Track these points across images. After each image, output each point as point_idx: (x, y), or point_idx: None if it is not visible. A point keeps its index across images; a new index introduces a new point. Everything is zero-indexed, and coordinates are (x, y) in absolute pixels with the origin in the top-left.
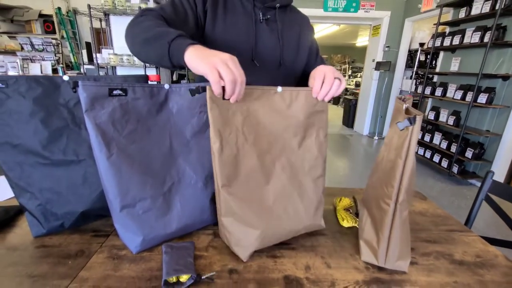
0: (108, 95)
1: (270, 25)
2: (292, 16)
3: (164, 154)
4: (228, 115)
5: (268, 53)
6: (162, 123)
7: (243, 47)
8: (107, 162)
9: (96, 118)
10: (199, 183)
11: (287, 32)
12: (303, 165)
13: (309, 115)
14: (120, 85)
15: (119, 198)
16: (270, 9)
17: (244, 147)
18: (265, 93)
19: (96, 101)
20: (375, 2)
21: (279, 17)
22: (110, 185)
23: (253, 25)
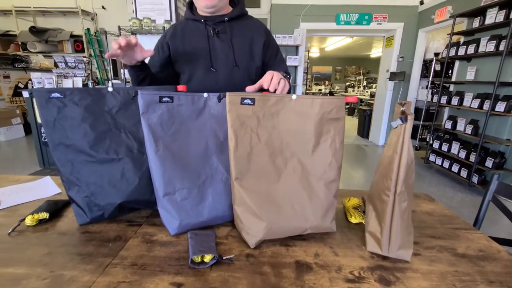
0: (158, 101)
1: (221, 36)
2: (245, 24)
3: (200, 152)
4: (244, 118)
5: (222, 59)
6: (200, 126)
7: (201, 58)
8: (155, 156)
9: (149, 119)
10: (229, 180)
11: (238, 38)
12: (315, 168)
13: (325, 122)
14: (168, 94)
15: (163, 186)
16: (220, 24)
17: (257, 146)
18: (281, 100)
19: (149, 106)
20: (388, 14)
21: (229, 28)
22: (156, 175)
23: (206, 39)
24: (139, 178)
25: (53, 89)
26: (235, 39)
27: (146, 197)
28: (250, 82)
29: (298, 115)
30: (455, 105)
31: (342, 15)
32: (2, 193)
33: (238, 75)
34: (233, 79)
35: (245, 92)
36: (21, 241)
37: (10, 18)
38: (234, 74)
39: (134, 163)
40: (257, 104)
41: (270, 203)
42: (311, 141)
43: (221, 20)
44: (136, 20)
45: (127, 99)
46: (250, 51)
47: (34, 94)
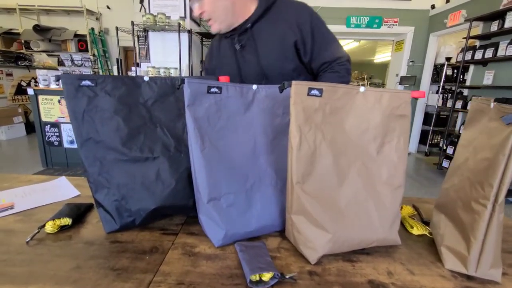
0: (206, 92)
1: (246, 48)
2: (273, 21)
3: (248, 152)
4: (310, 112)
5: (251, 72)
6: (248, 122)
7: (232, 75)
8: (200, 154)
9: (195, 112)
10: (279, 184)
11: (265, 44)
12: (380, 172)
13: (391, 119)
14: (217, 84)
15: (207, 190)
16: (245, 33)
17: (321, 145)
18: (348, 93)
19: (196, 96)
20: (399, 18)
21: (256, 33)
22: (201, 177)
23: (234, 55)
24: (176, 181)
25: (83, 76)
26: (261, 47)
27: (183, 202)
28: None
29: (364, 110)
30: None
31: (353, 18)
32: (15, 195)
33: (276, 79)
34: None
35: (312, 81)
36: (43, 251)
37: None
38: (271, 80)
39: (171, 163)
40: (324, 95)
41: (334, 211)
42: (376, 141)
43: (244, 29)
44: (150, 16)
45: (164, 90)
46: (281, 53)
47: (62, 81)
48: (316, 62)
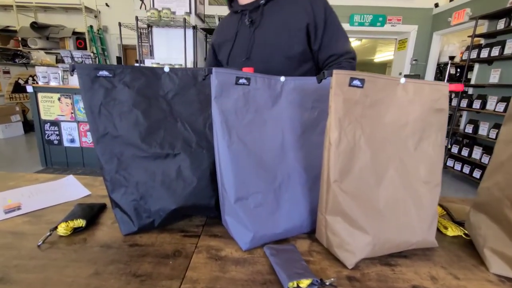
0: (235, 83)
1: (256, 25)
2: (283, 4)
3: (276, 148)
4: (350, 104)
5: (257, 52)
6: (276, 116)
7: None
8: (227, 150)
9: (222, 105)
10: (309, 182)
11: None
12: (418, 170)
13: (430, 113)
14: (246, 74)
15: (234, 189)
16: (255, 10)
17: (360, 140)
18: (389, 84)
19: (224, 88)
20: (402, 16)
21: (267, 10)
22: (228, 174)
23: (244, 33)
24: (198, 179)
25: (100, 66)
26: (272, 25)
27: (205, 201)
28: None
29: (404, 103)
30: (477, 109)
31: (356, 16)
32: (21, 195)
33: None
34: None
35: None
36: (57, 255)
37: (10, 13)
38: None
39: (192, 159)
40: (366, 86)
41: (373, 211)
42: (414, 136)
43: (257, 5)
44: (155, 11)
45: (185, 82)
46: (292, 33)
47: (78, 71)
48: (324, 52)
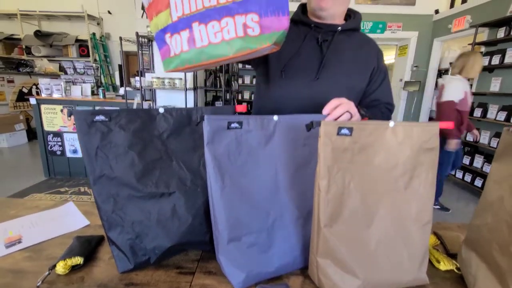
0: (226, 128)
1: (331, 47)
2: (358, 39)
3: (269, 187)
4: (339, 152)
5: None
6: (269, 155)
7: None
8: (220, 194)
9: (215, 150)
10: (300, 219)
11: (350, 52)
12: (409, 208)
13: (420, 153)
14: (237, 118)
15: (228, 231)
16: (330, 33)
17: (350, 185)
18: (377, 129)
19: (216, 133)
20: (402, 23)
21: (339, 40)
22: (221, 217)
23: (318, 46)
24: (192, 217)
25: (97, 111)
26: (347, 52)
27: (200, 238)
28: None
29: (394, 146)
30: (478, 117)
31: None
32: (22, 225)
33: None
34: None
35: (341, 121)
36: None
37: (14, 21)
38: (340, 89)
39: (187, 198)
40: (354, 134)
41: (363, 254)
42: (405, 176)
43: (333, 30)
44: None
45: (180, 122)
46: (363, 71)
47: (75, 117)
48: (373, 95)
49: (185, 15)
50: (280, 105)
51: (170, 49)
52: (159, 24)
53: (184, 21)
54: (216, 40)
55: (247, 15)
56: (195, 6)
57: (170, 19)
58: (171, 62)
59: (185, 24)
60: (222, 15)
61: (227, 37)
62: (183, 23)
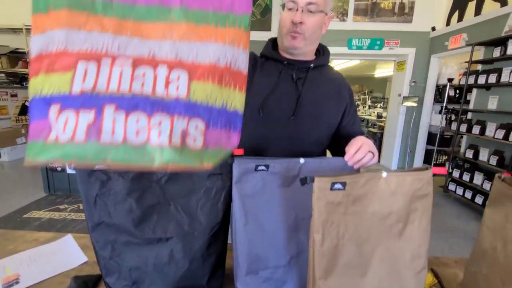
0: (254, 170)
1: (305, 84)
2: (328, 75)
3: (289, 227)
4: (332, 206)
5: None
6: (291, 195)
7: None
8: (243, 230)
9: (241, 189)
10: None
11: (324, 89)
12: (404, 255)
13: (413, 200)
14: (264, 162)
15: (247, 264)
16: (303, 70)
17: (344, 236)
18: (371, 180)
19: (244, 174)
20: (400, 39)
21: (313, 77)
22: (242, 251)
23: (293, 84)
24: (189, 261)
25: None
26: (321, 88)
27: (197, 282)
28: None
29: (387, 195)
30: (476, 134)
31: (354, 40)
32: (20, 262)
33: (320, 129)
34: (313, 133)
35: (334, 176)
36: None
37: (20, 36)
38: (317, 126)
39: (184, 243)
40: (347, 188)
41: None
42: (399, 223)
43: (305, 67)
44: None
45: None
46: (336, 107)
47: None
48: (346, 130)
49: (96, 91)
50: (259, 141)
51: (50, 129)
52: (45, 87)
53: (91, 98)
54: (136, 141)
55: (191, 119)
56: (117, 86)
57: (68, 88)
58: (45, 149)
59: (92, 103)
60: (155, 109)
61: (155, 142)
62: (89, 101)
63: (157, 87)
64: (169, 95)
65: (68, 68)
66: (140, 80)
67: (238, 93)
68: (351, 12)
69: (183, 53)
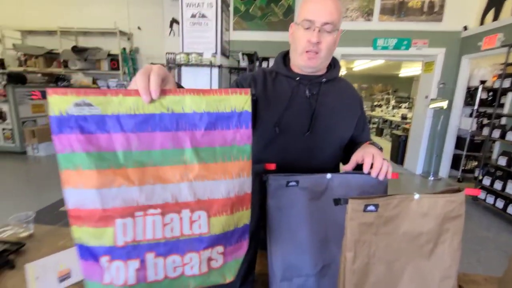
0: (285, 185)
1: (319, 99)
2: (341, 88)
3: (320, 238)
4: (365, 226)
5: (321, 124)
6: (321, 209)
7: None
8: (277, 240)
9: (275, 203)
10: None
11: (337, 102)
12: (433, 275)
13: (445, 221)
14: (295, 178)
15: (281, 271)
16: (316, 85)
17: (374, 255)
18: (403, 201)
19: (277, 190)
20: (428, 39)
21: (325, 90)
22: (276, 259)
23: (307, 100)
24: None
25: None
26: (334, 102)
27: None
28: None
29: (418, 217)
30: (511, 141)
31: (380, 40)
32: (70, 259)
33: (335, 143)
34: (327, 147)
35: (366, 197)
36: None
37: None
38: (331, 141)
39: None
40: (380, 209)
41: None
42: (429, 244)
43: (318, 81)
44: (184, 55)
45: None
46: (347, 119)
47: None
48: (356, 140)
49: (137, 242)
50: (276, 155)
51: (102, 273)
52: (91, 240)
53: (134, 249)
54: (174, 275)
55: (213, 248)
56: (152, 234)
57: (112, 241)
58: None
59: (136, 255)
60: (186, 249)
61: (189, 273)
62: (133, 252)
63: (184, 229)
64: (193, 233)
65: (108, 224)
66: (170, 225)
67: (246, 211)
68: (376, 12)
69: (199, 193)
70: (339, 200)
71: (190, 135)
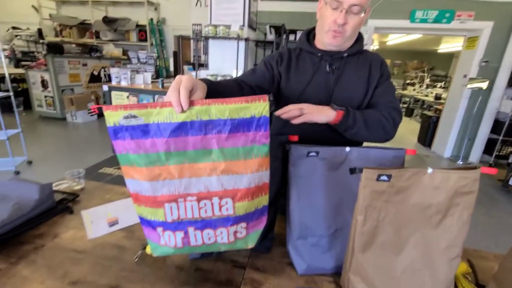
0: (306, 155)
1: (338, 73)
2: (362, 59)
3: (335, 205)
4: (377, 194)
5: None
6: (338, 180)
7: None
8: (296, 204)
9: (296, 171)
10: None
11: (356, 74)
12: (439, 243)
13: (456, 196)
14: (315, 149)
15: (297, 231)
16: (338, 60)
17: (384, 220)
18: (415, 174)
19: (298, 159)
20: (475, 11)
21: (346, 64)
22: (294, 220)
23: (326, 75)
24: None
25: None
26: (354, 74)
27: None
28: None
29: (429, 189)
30: None
31: (418, 12)
32: (116, 210)
33: None
34: None
35: (380, 168)
36: (148, 271)
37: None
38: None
39: None
40: (392, 180)
41: (390, 278)
42: (438, 215)
43: (339, 56)
44: (212, 27)
45: None
46: (366, 88)
47: None
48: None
49: (181, 219)
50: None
51: (159, 238)
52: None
53: (179, 224)
54: (209, 242)
55: (238, 224)
56: (192, 214)
57: (163, 218)
58: (159, 248)
59: (181, 228)
60: (217, 226)
61: (220, 241)
62: (178, 227)
63: (214, 211)
64: (222, 214)
65: (159, 206)
66: (204, 209)
67: (264, 196)
68: None
69: (226, 185)
70: (354, 170)
71: (216, 138)
